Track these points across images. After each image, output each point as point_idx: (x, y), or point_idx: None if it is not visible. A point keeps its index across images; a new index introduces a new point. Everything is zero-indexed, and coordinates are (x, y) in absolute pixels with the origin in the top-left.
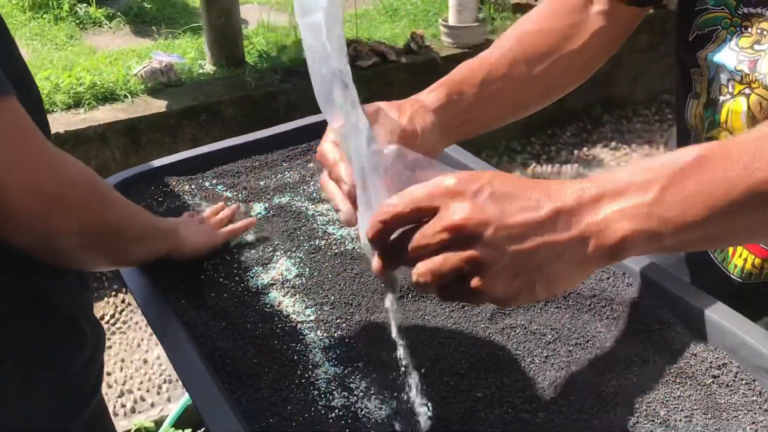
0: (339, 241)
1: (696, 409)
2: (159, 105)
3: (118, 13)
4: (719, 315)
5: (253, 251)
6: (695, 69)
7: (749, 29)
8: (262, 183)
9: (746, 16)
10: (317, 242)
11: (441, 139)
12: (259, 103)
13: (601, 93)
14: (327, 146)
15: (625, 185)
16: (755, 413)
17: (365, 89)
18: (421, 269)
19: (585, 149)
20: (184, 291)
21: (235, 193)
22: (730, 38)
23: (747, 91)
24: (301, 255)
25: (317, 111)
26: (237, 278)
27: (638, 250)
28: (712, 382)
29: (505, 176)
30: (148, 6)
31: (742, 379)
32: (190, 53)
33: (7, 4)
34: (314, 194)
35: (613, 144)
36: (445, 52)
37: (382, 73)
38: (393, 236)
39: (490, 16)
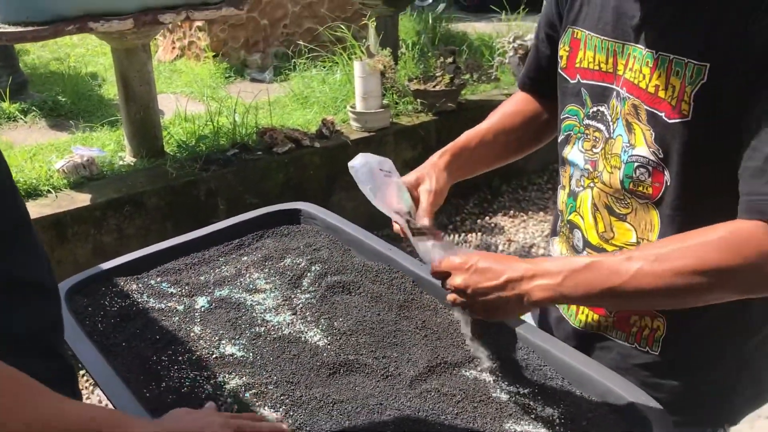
0: (276, 327)
1: None
2: (83, 198)
3: (33, 108)
4: (590, 368)
5: (202, 341)
6: (562, 166)
7: (589, 136)
8: (202, 278)
9: (588, 126)
10: (257, 329)
11: (450, 182)
12: (181, 191)
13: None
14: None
15: (546, 271)
16: None
17: (282, 173)
18: (448, 298)
19: (487, 218)
20: (139, 369)
21: (178, 289)
22: (578, 142)
23: (591, 185)
24: (243, 342)
25: (235, 197)
26: (188, 362)
27: (548, 305)
28: (586, 423)
29: (487, 256)
30: (63, 99)
31: (611, 418)
32: (109, 145)
33: None
34: (250, 285)
35: (511, 212)
36: (354, 135)
37: (297, 157)
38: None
39: (393, 101)
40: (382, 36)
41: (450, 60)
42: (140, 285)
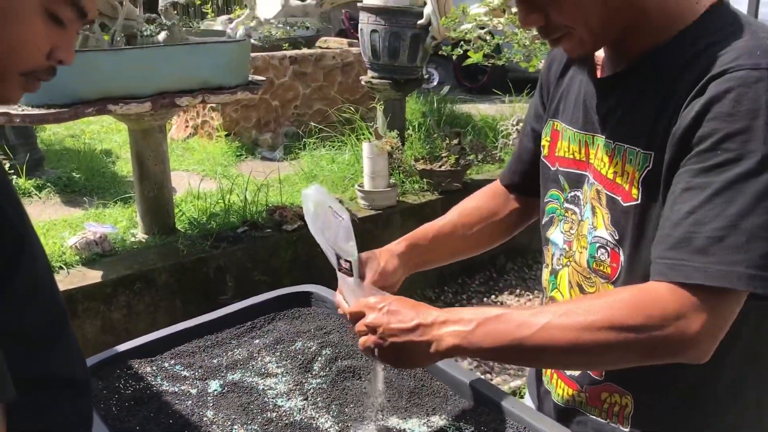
0: (288, 412)
1: None
2: (94, 275)
3: (48, 184)
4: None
5: (215, 426)
6: (545, 245)
7: (568, 218)
8: (215, 361)
9: (567, 209)
10: (269, 414)
11: (403, 272)
12: (191, 268)
13: (504, 243)
14: (338, 297)
15: (460, 319)
16: None
17: (290, 250)
18: (359, 342)
19: (493, 297)
20: None
21: (192, 372)
22: (560, 223)
23: (568, 263)
24: (256, 427)
25: (244, 274)
26: None
27: (459, 356)
28: None
29: (404, 300)
30: (77, 176)
31: None
32: (122, 222)
33: None
34: (262, 369)
35: (517, 290)
36: (362, 213)
37: (306, 235)
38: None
39: (400, 180)
40: (389, 118)
41: (455, 141)
42: (154, 368)
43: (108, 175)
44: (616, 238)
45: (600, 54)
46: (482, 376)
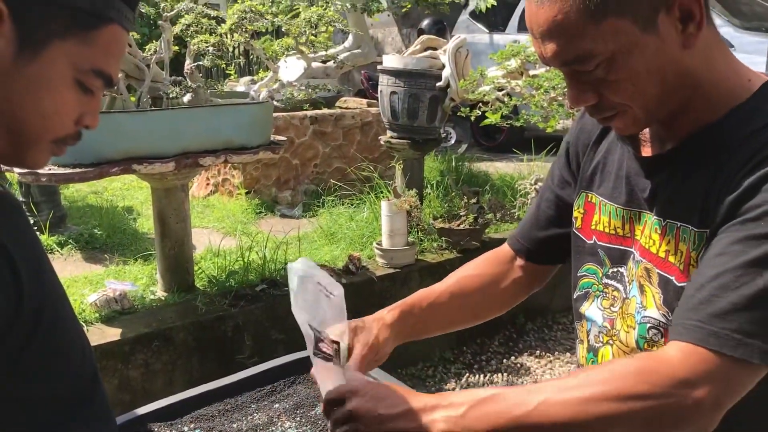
0: None
1: None
2: (113, 333)
3: (70, 240)
4: None
5: None
6: (578, 321)
7: (608, 294)
8: (234, 426)
9: (606, 285)
10: None
11: (395, 341)
12: (209, 327)
13: (524, 303)
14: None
15: (450, 404)
16: None
17: None
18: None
19: (513, 358)
20: None
21: None
22: (597, 299)
23: (610, 342)
24: None
25: (262, 333)
26: None
27: None
28: None
29: (388, 385)
30: (99, 233)
31: None
32: (141, 279)
33: None
34: None
35: (537, 352)
36: (380, 272)
37: None
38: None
39: (418, 239)
40: (408, 177)
41: (474, 200)
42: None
43: (129, 232)
44: (670, 318)
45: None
46: None
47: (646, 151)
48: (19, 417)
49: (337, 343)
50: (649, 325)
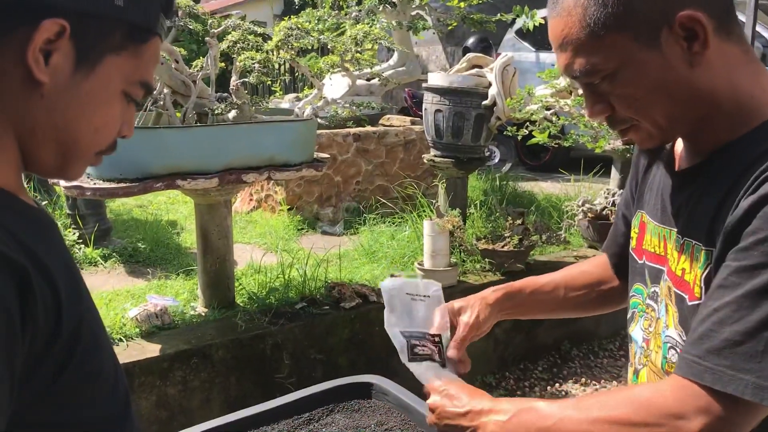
0: None
1: None
2: (153, 349)
3: (114, 254)
4: None
5: None
6: (629, 342)
7: (648, 315)
8: None
9: (648, 305)
10: None
11: (493, 318)
12: (248, 345)
13: (569, 328)
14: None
15: (500, 409)
16: None
17: (348, 329)
18: (427, 419)
19: (557, 385)
20: None
21: None
22: (640, 320)
23: (646, 362)
24: None
25: (300, 352)
26: None
27: None
28: None
29: (463, 385)
30: (142, 247)
31: None
32: (182, 294)
33: None
34: None
35: (582, 379)
36: None
37: (363, 313)
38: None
39: (461, 260)
40: (451, 196)
41: (519, 221)
42: None
43: (172, 246)
44: (684, 338)
45: (680, 145)
46: None
47: (678, 166)
48: None
49: (439, 336)
50: (669, 344)
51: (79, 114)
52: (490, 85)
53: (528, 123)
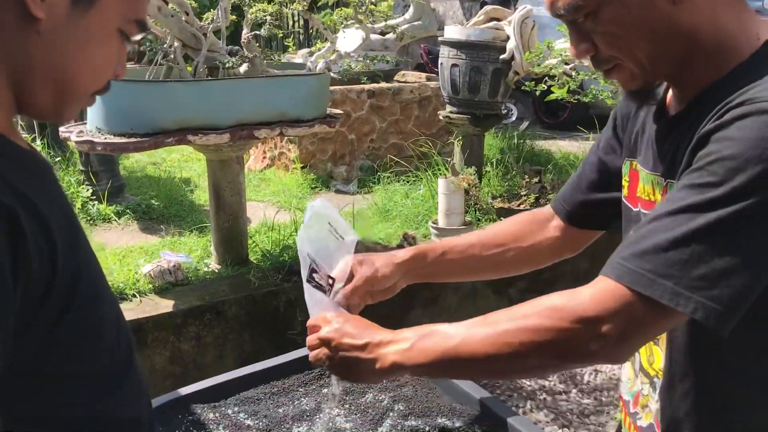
0: None
1: None
2: (166, 305)
3: (128, 210)
4: None
5: None
6: None
7: None
8: (281, 410)
9: None
10: None
11: (401, 281)
12: (261, 301)
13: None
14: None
15: (401, 338)
16: None
17: None
18: (310, 354)
19: None
20: None
21: (256, 421)
22: None
23: None
24: None
25: None
26: None
27: (401, 372)
28: None
29: (358, 319)
30: (156, 203)
31: None
32: (196, 251)
33: None
34: (330, 423)
35: None
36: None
37: None
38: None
39: (475, 218)
40: (467, 154)
41: (536, 179)
42: (217, 415)
43: (186, 203)
44: None
45: (671, 94)
46: (560, 430)
47: (668, 114)
48: (51, 393)
49: (333, 279)
50: None
51: (77, 52)
52: (508, 38)
53: (547, 78)
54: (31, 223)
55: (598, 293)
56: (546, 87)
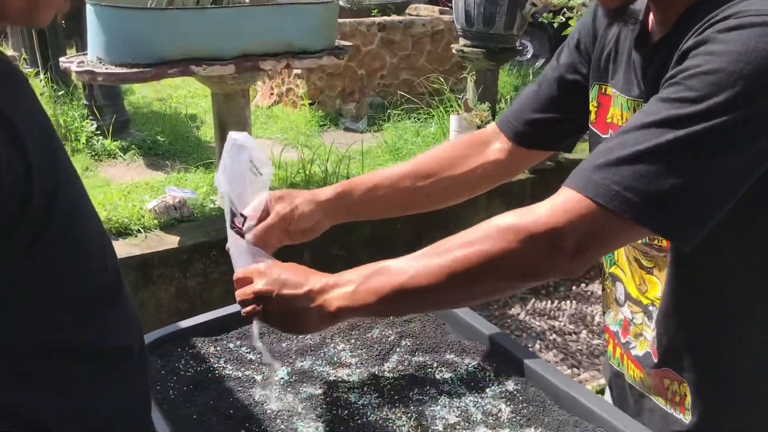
0: (361, 410)
1: None
2: (171, 240)
3: (133, 146)
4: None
5: (279, 420)
6: None
7: None
8: (284, 345)
9: None
10: (340, 412)
11: (324, 220)
12: None
13: None
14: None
15: (344, 281)
16: None
17: (370, 226)
18: (243, 310)
19: (583, 285)
20: None
21: (258, 356)
22: None
23: None
24: (323, 425)
25: (321, 248)
26: None
27: (350, 316)
28: None
29: (294, 267)
30: (162, 139)
31: None
32: (202, 188)
33: None
34: (334, 358)
35: None
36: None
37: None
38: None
39: None
40: (480, 90)
41: None
42: (218, 348)
43: (192, 139)
44: None
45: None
46: (569, 370)
47: (651, 39)
48: (36, 318)
49: (245, 217)
50: None
51: None
52: None
53: (565, 10)
54: (2, 138)
55: (557, 205)
56: (564, 19)
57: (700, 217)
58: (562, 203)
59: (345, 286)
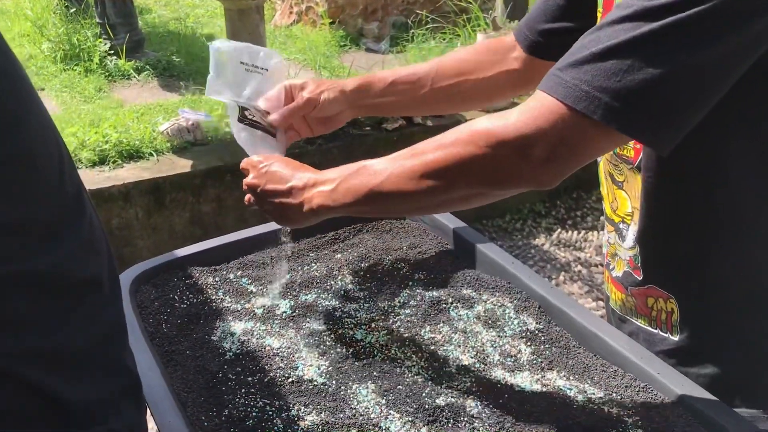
0: (368, 349)
1: None
2: (184, 164)
3: (147, 66)
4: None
5: (278, 358)
6: None
7: None
8: (288, 276)
9: None
10: (345, 350)
11: (346, 111)
12: None
13: None
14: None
15: (325, 179)
16: None
17: (389, 150)
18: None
19: None
20: (200, 388)
21: (259, 287)
22: None
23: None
24: (326, 364)
25: None
26: (258, 385)
27: (329, 214)
28: None
29: (284, 161)
30: (177, 60)
31: None
32: (217, 110)
33: (39, 54)
34: (341, 291)
35: None
36: (470, 114)
37: (407, 135)
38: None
39: None
40: (510, 7)
41: None
42: (217, 279)
43: (208, 60)
44: None
45: None
46: (593, 302)
47: None
48: None
49: (268, 113)
50: None
51: None
52: None
53: None
54: None
55: (525, 111)
56: None
57: (674, 118)
58: (532, 108)
59: (325, 184)
